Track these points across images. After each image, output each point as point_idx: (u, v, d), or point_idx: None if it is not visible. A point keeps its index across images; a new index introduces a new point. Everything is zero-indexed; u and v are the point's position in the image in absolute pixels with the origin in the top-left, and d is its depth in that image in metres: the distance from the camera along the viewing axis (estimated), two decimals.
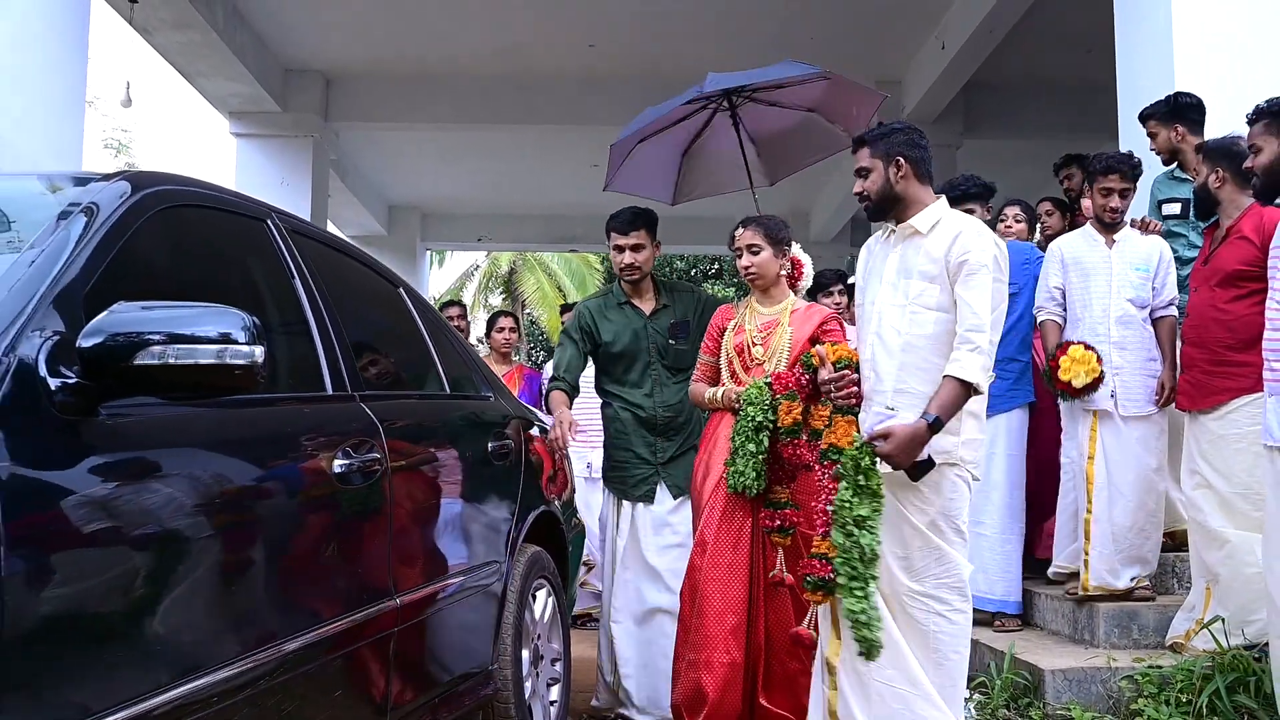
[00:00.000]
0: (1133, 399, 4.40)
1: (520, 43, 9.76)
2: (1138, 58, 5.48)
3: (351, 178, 13.03)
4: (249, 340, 1.77)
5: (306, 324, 2.55)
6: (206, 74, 9.54)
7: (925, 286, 3.16)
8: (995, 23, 8.29)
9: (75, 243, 1.92)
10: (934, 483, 3.09)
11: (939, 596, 3.09)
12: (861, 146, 3.31)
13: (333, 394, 2.52)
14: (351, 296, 3.03)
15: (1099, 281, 4.46)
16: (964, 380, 3.01)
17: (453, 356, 3.63)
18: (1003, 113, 10.59)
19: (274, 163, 10.52)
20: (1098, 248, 4.54)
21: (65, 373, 1.69)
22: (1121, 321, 4.44)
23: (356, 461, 2.41)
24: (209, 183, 2.55)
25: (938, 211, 3.23)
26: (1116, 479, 4.38)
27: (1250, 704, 3.60)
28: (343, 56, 10.32)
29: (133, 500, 1.75)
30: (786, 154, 5.00)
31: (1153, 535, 4.41)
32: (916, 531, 3.11)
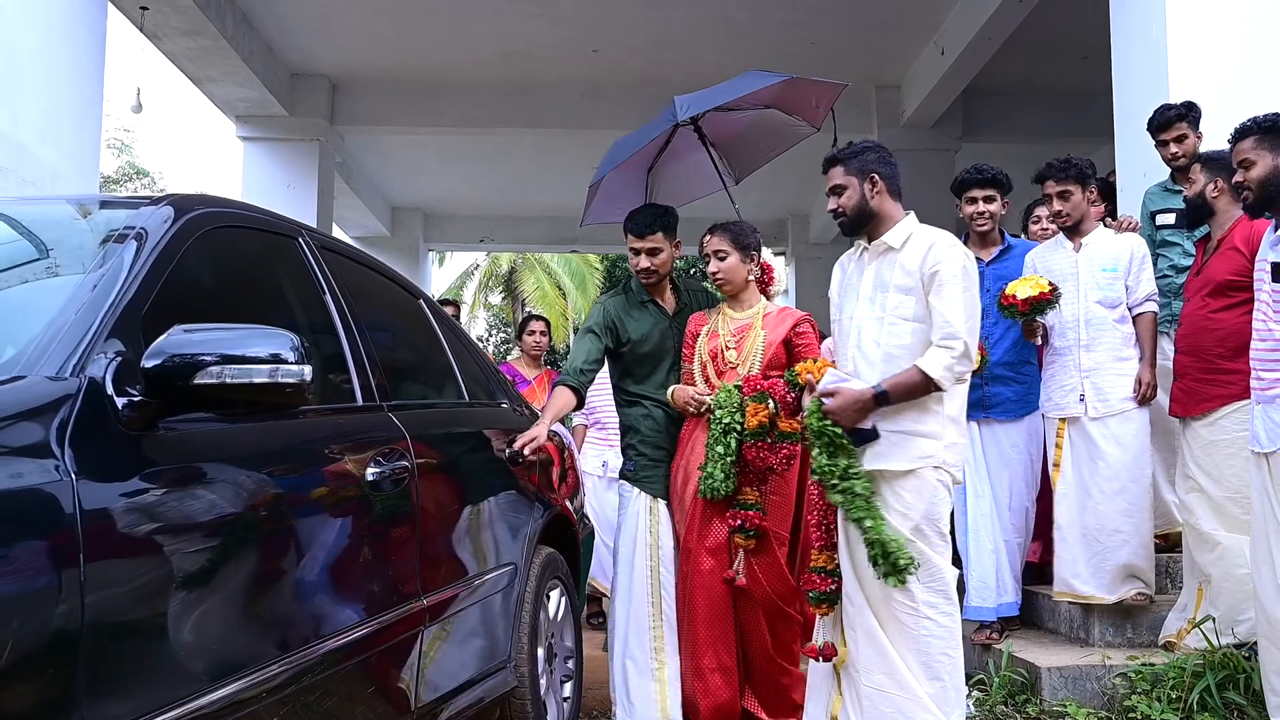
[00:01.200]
0: (1104, 399, 4.41)
1: (524, 49, 9.86)
2: (1133, 66, 5.59)
3: (355, 179, 13.14)
4: (298, 360, 1.90)
5: (337, 337, 2.68)
6: (215, 79, 9.65)
7: (902, 299, 3.31)
8: (993, 30, 8.40)
9: (130, 267, 2.05)
10: (916, 486, 3.22)
11: (927, 600, 3.19)
12: (834, 165, 3.45)
13: (363, 404, 2.65)
14: (377, 309, 3.16)
15: (1067, 286, 4.48)
16: (925, 372, 3.15)
17: (469, 365, 3.76)
18: (1000, 118, 10.71)
19: (280, 166, 10.64)
20: (1065, 253, 4.59)
21: (130, 391, 1.82)
22: (1089, 324, 4.46)
23: (387, 469, 2.54)
24: (244, 203, 2.69)
25: (909, 226, 3.38)
26: (1086, 482, 4.41)
27: (1240, 701, 3.74)
28: (348, 62, 10.43)
29: (190, 508, 1.87)
30: (750, 151, 5.00)
31: (1134, 539, 4.33)
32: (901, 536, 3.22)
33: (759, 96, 4.56)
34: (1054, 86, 10.11)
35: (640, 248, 4.24)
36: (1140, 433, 4.40)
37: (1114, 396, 4.40)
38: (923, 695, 3.16)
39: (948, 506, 3.28)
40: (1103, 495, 4.35)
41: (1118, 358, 4.43)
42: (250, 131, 10.62)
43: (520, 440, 3.59)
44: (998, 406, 4.62)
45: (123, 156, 24.92)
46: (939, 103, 9.97)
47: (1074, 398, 4.45)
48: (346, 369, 2.66)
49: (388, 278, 3.47)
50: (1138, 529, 4.35)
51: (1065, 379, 4.50)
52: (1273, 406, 3.40)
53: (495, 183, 14.22)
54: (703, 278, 21.45)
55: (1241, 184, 3.55)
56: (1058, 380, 4.53)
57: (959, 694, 3.25)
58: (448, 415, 3.40)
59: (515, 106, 10.80)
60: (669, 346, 4.23)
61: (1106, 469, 4.36)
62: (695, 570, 3.88)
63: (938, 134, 10.48)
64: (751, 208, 4.47)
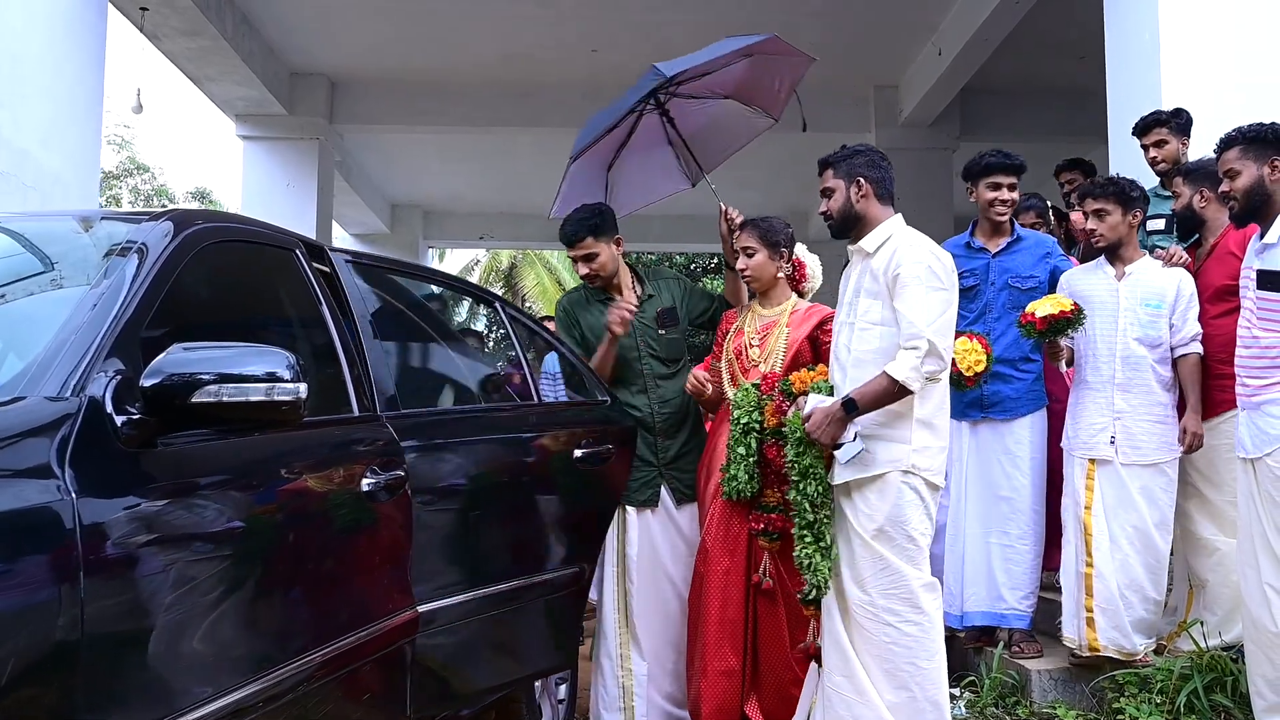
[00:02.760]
0: (1136, 446, 4.06)
1: (523, 49, 9.89)
2: (1126, 69, 5.61)
3: (355, 177, 13.18)
4: (293, 378, 1.94)
5: (333, 347, 2.71)
6: (215, 78, 9.70)
7: (870, 304, 3.34)
8: (990, 31, 8.43)
9: (130, 284, 2.09)
10: (880, 490, 3.25)
11: (888, 607, 3.21)
12: (826, 168, 3.49)
13: (359, 415, 2.69)
14: (394, 315, 3.23)
15: (1104, 318, 4.12)
16: (891, 375, 3.16)
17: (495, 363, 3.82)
18: (998, 117, 10.73)
19: (280, 165, 10.71)
20: (1105, 280, 4.20)
21: (129, 409, 1.86)
22: (1127, 362, 4.09)
23: (383, 479, 2.58)
24: (241, 216, 2.74)
25: (888, 230, 3.40)
26: (1115, 532, 4.08)
27: (1227, 703, 3.78)
28: (348, 62, 10.48)
29: (186, 522, 1.93)
30: (709, 146, 4.78)
31: (1153, 595, 4.08)
32: (862, 540, 3.25)
33: (722, 81, 4.48)
34: (1051, 86, 10.14)
35: (575, 255, 4.21)
36: (1170, 486, 4.10)
37: (1147, 445, 4.07)
38: (879, 703, 3.19)
39: (918, 511, 3.26)
40: (1131, 548, 4.07)
41: (1155, 402, 4.09)
42: (250, 131, 10.68)
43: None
44: (997, 405, 4.40)
45: (122, 152, 24.95)
46: (937, 102, 10.01)
47: (1103, 439, 4.11)
48: (342, 378, 2.70)
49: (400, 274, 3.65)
50: (1156, 585, 4.09)
51: (1095, 417, 4.14)
52: (1258, 413, 3.44)
53: (495, 181, 14.26)
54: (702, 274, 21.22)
55: (1228, 193, 3.59)
56: (1087, 418, 4.16)
57: (936, 708, 3.22)
58: (463, 421, 3.32)
59: (515, 107, 10.83)
60: (632, 342, 4.13)
61: (1136, 519, 4.06)
62: (711, 571, 3.83)
63: (935, 133, 10.52)
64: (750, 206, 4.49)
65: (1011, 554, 4.36)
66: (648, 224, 13.95)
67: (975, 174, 4.54)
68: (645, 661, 4.00)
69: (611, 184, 4.78)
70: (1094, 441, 4.14)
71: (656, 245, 18.24)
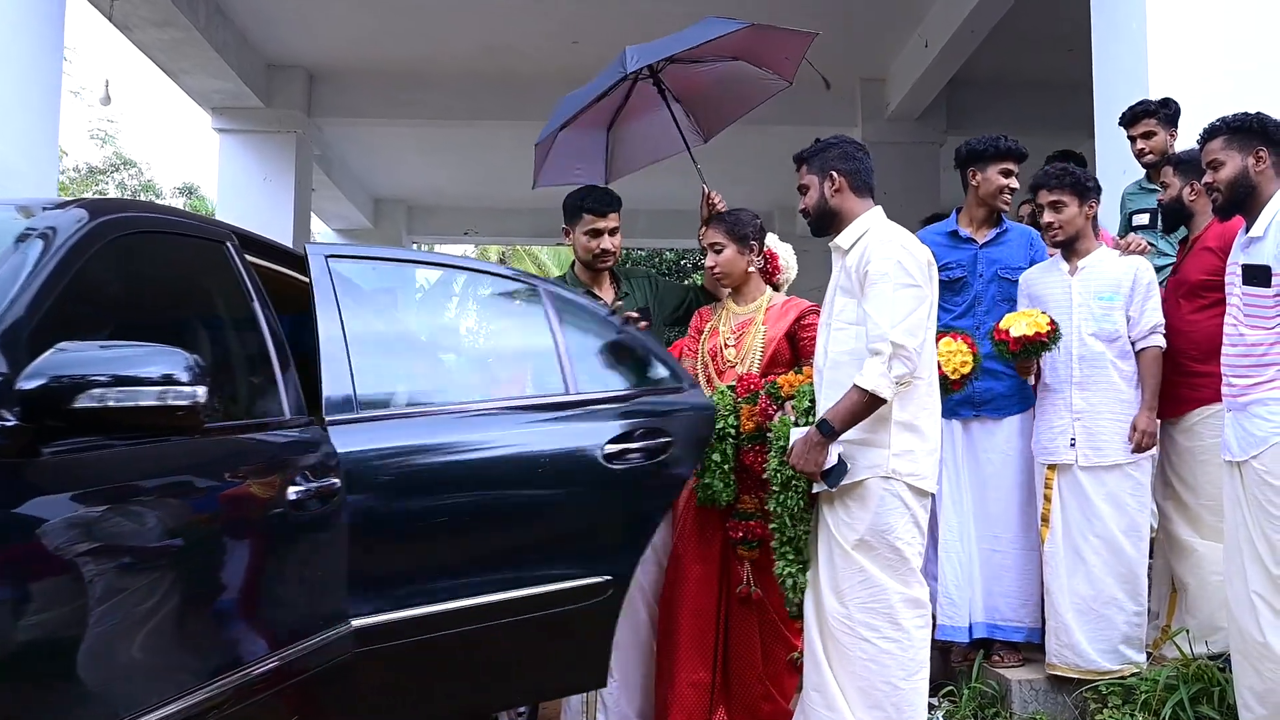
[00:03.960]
0: (1096, 447, 3.88)
1: (504, 40, 9.72)
2: (1113, 61, 5.48)
3: (336, 171, 12.99)
4: (192, 380, 1.78)
5: (265, 346, 2.55)
6: (189, 70, 9.49)
7: (845, 303, 3.20)
8: (977, 22, 8.29)
9: (25, 275, 1.93)
10: (860, 497, 3.10)
11: (865, 621, 3.06)
12: (800, 164, 3.36)
13: (290, 418, 2.53)
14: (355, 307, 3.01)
15: (1059, 315, 3.91)
16: (861, 387, 3.00)
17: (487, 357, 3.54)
18: (986, 110, 10.58)
19: (257, 159, 10.51)
20: (1059, 277, 4.05)
21: (5, 415, 1.70)
22: (1085, 360, 3.93)
23: (313, 487, 2.42)
24: (168, 207, 2.57)
25: (863, 225, 3.25)
26: (1077, 541, 3.89)
27: (1213, 715, 3.63)
28: (326, 53, 10.27)
29: (70, 540, 1.75)
30: (719, 107, 4.65)
31: (1132, 607, 3.87)
32: (842, 550, 3.10)
33: (720, 47, 4.30)
34: (1039, 79, 9.98)
35: (603, 227, 4.09)
36: (1139, 490, 3.91)
37: (1109, 446, 3.88)
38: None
39: (903, 519, 3.11)
40: (1097, 559, 3.86)
41: (1117, 398, 3.90)
42: (226, 124, 10.47)
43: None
44: (989, 403, 4.20)
45: (106, 147, 24.70)
46: (923, 95, 9.86)
47: (1063, 441, 3.93)
48: (274, 380, 2.54)
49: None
50: (1134, 595, 3.89)
51: (1055, 419, 3.97)
52: (1244, 414, 3.29)
53: (478, 175, 14.08)
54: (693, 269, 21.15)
55: (1211, 185, 3.44)
56: (1047, 420, 4.01)
57: None
58: (440, 420, 2.94)
59: (498, 99, 10.66)
60: None
61: (1101, 528, 3.86)
62: (682, 578, 3.69)
63: (923, 127, 10.36)
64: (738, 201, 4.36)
65: (1005, 560, 4.15)
66: (635, 218, 13.75)
67: (986, 157, 4.28)
68: (613, 677, 3.82)
69: (613, 146, 4.64)
70: (1054, 445, 3.98)
71: (644, 240, 18.03)
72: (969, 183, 4.35)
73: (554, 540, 3.04)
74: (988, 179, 4.26)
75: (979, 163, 4.30)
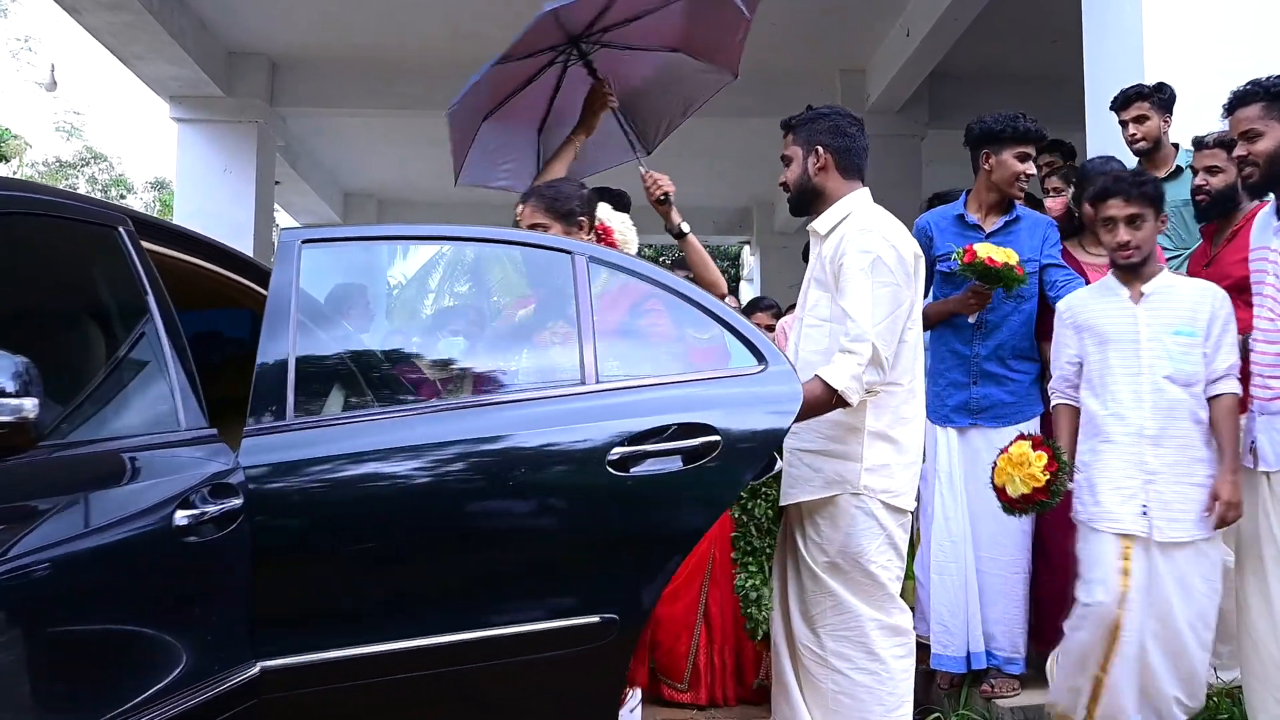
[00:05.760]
0: (1174, 518, 3.10)
1: (472, 28, 9.39)
2: (1105, 47, 5.24)
3: (304, 164, 12.64)
4: (19, 391, 1.47)
5: (159, 348, 2.24)
6: (144, 56, 9.15)
7: (819, 297, 2.91)
8: (960, 11, 8.06)
9: None
10: (830, 515, 2.80)
11: (837, 651, 2.78)
12: (786, 132, 3.06)
13: (185, 428, 2.21)
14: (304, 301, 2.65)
15: (1124, 354, 3.22)
16: (827, 382, 2.68)
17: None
18: (968, 102, 10.26)
19: (217, 149, 10.17)
20: (1119, 305, 3.28)
21: None
22: (1159, 409, 3.15)
23: (208, 511, 2.11)
24: (50, 187, 2.26)
25: (844, 209, 2.94)
26: (1153, 626, 3.11)
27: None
28: (289, 40, 9.92)
29: None
30: (658, 108, 4.22)
31: (1188, 704, 3.19)
32: (811, 572, 2.82)
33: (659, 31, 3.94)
34: (1023, 71, 9.78)
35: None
36: (1212, 572, 3.16)
37: (1187, 517, 3.10)
38: None
39: (876, 540, 2.81)
40: (1158, 655, 3.13)
41: (1194, 459, 3.14)
42: (184, 113, 10.12)
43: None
44: (987, 411, 3.84)
45: (75, 140, 24.22)
46: (904, 87, 9.62)
47: (1133, 508, 3.12)
48: (169, 386, 2.22)
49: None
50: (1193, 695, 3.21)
51: (1122, 479, 3.16)
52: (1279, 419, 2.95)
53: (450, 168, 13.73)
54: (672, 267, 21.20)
55: (1246, 158, 3.06)
56: (1109, 478, 3.18)
57: None
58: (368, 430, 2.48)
59: None
60: None
61: (1166, 617, 3.10)
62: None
63: (904, 120, 10.12)
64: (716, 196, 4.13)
65: (1002, 586, 3.79)
66: None
67: (1001, 139, 3.90)
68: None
69: (545, 149, 4.23)
70: (1122, 512, 3.14)
71: None
72: (980, 165, 4.02)
73: (533, 569, 2.50)
74: (1002, 163, 3.91)
75: (993, 144, 3.94)
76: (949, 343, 3.97)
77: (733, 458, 2.51)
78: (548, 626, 2.43)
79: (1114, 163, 3.87)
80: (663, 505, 2.52)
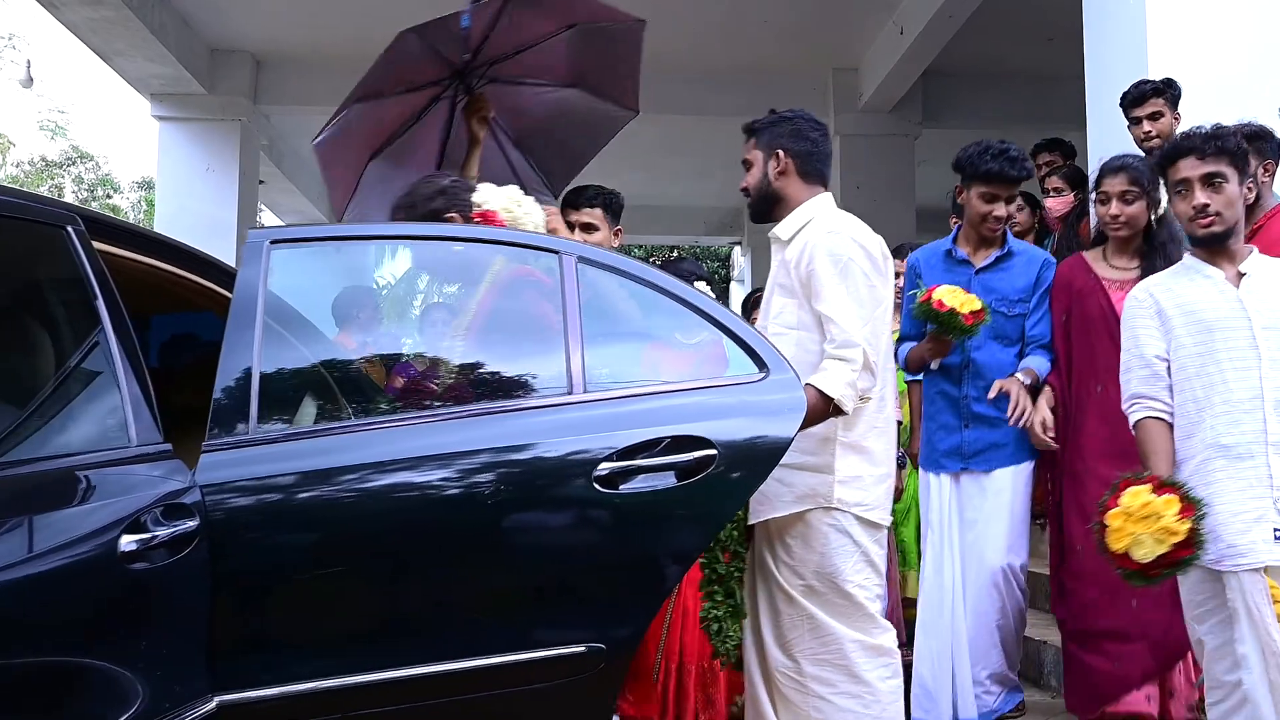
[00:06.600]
0: None
1: None
2: (1107, 43, 5.11)
3: (288, 163, 12.45)
4: None
5: (109, 357, 2.07)
6: (124, 53, 9.00)
7: (784, 303, 2.81)
8: (954, 8, 7.94)
9: None
10: (801, 535, 2.67)
11: (818, 675, 2.65)
12: (748, 136, 2.98)
13: (137, 443, 2.05)
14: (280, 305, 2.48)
15: (1232, 344, 2.68)
16: (824, 392, 2.57)
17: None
18: (962, 101, 10.25)
19: (199, 148, 10.01)
20: (1212, 288, 2.75)
21: None
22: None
23: (159, 535, 1.94)
24: None
25: (807, 213, 2.86)
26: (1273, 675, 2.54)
27: None
28: (273, 36, 9.77)
29: None
30: (562, 148, 4.04)
31: None
32: (785, 596, 2.69)
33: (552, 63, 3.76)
34: (1018, 69, 9.65)
35: (574, 220, 3.67)
36: None
37: None
38: None
39: (851, 559, 2.69)
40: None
41: None
42: (166, 111, 9.96)
43: None
44: (980, 455, 3.60)
45: (59, 139, 23.99)
46: (898, 85, 9.47)
47: (1264, 532, 2.57)
48: (119, 397, 2.06)
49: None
50: None
51: (1245, 500, 2.63)
52: None
53: None
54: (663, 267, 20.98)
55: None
56: (1229, 502, 2.62)
57: None
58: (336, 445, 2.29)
59: None
60: None
61: None
62: None
63: (897, 118, 9.97)
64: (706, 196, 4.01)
65: (988, 638, 3.58)
66: None
67: (969, 175, 3.66)
68: None
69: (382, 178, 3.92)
70: (1247, 540, 2.58)
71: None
72: (958, 198, 3.81)
73: (515, 595, 2.34)
74: (969, 200, 3.67)
75: (963, 178, 3.71)
76: (938, 384, 3.75)
77: (731, 473, 2.34)
78: (530, 657, 2.25)
79: (1128, 157, 3.67)
80: (655, 525, 2.35)
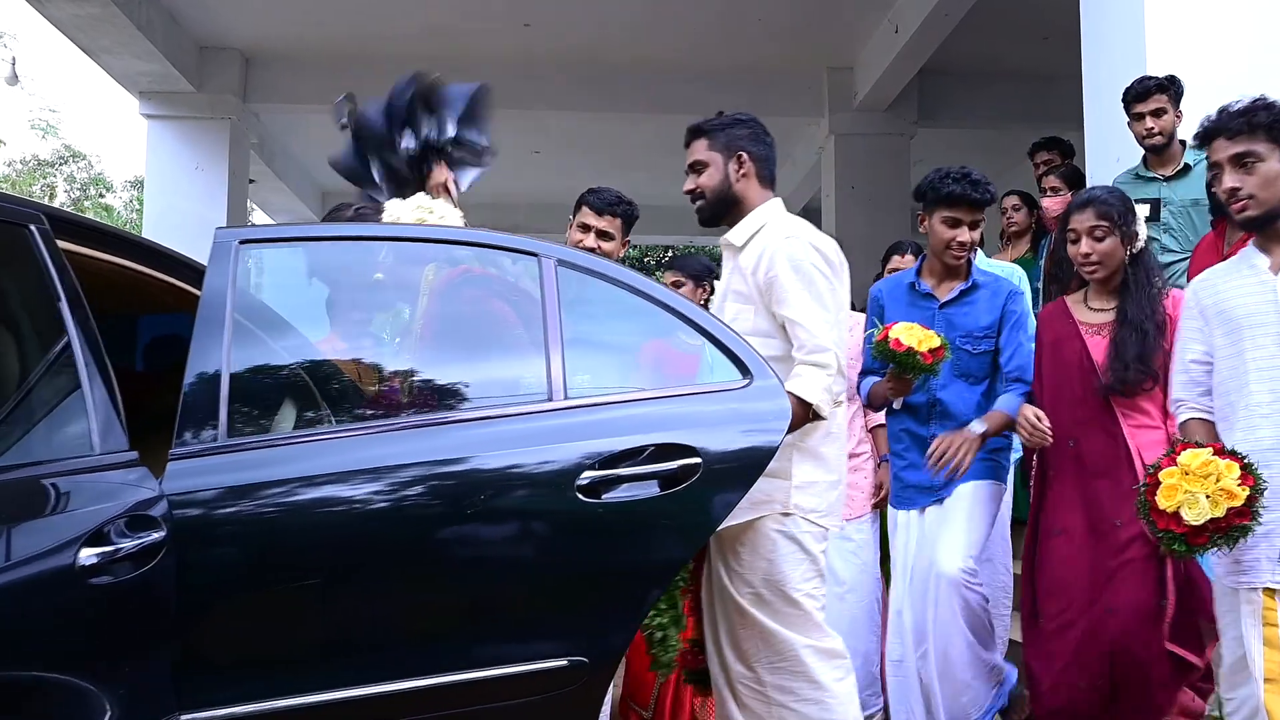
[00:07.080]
0: None
1: (447, 21, 9.17)
2: (1106, 40, 5.05)
3: (279, 161, 12.36)
4: None
5: (72, 361, 1.99)
6: (111, 50, 8.89)
7: (739, 309, 2.75)
8: (950, 6, 7.89)
9: None
10: (750, 543, 2.62)
11: (777, 684, 2.60)
12: (699, 137, 2.90)
13: (100, 451, 1.97)
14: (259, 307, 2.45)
15: (1259, 341, 2.51)
16: (804, 399, 2.55)
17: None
18: (958, 100, 10.19)
19: (188, 146, 9.91)
20: (1253, 278, 2.58)
21: None
22: None
23: (123, 547, 1.86)
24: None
25: (760, 218, 2.82)
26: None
27: None
28: (263, 34, 9.69)
29: None
30: None
31: None
32: (737, 607, 2.64)
33: None
34: (1014, 68, 9.60)
35: (594, 225, 3.65)
36: None
37: None
38: None
39: (800, 567, 2.63)
40: None
41: None
42: (154, 109, 9.86)
43: None
44: (951, 484, 3.40)
45: (51, 138, 23.84)
46: (894, 84, 9.41)
47: (1269, 550, 2.43)
48: (82, 404, 1.98)
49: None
50: None
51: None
52: None
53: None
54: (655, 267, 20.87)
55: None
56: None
57: None
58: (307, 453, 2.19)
59: None
60: None
61: None
62: None
63: (893, 118, 9.91)
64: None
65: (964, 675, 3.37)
66: None
67: (930, 200, 3.46)
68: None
69: None
70: (1250, 558, 2.44)
71: None
72: (920, 227, 3.65)
73: (495, 607, 2.26)
74: (932, 227, 3.48)
75: (924, 205, 3.51)
76: (904, 422, 3.56)
77: (715, 481, 2.28)
78: (510, 671, 2.17)
79: (1096, 190, 3.38)
80: (638, 535, 2.28)
